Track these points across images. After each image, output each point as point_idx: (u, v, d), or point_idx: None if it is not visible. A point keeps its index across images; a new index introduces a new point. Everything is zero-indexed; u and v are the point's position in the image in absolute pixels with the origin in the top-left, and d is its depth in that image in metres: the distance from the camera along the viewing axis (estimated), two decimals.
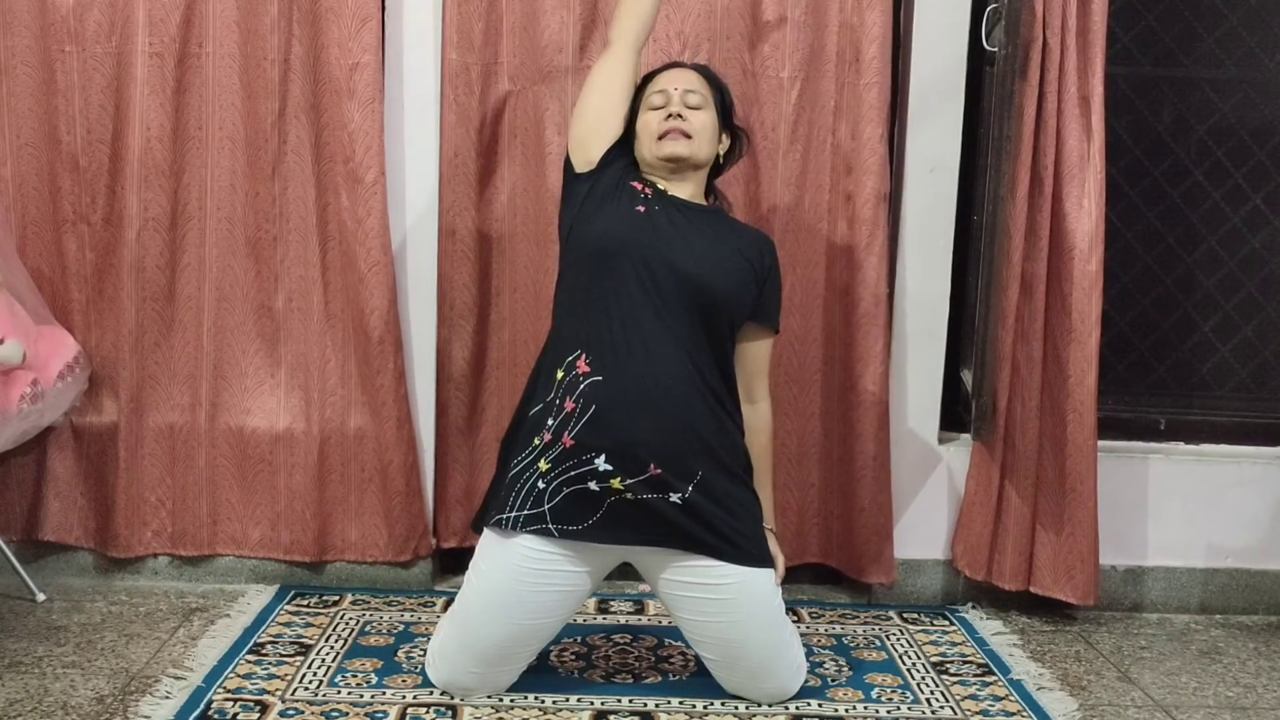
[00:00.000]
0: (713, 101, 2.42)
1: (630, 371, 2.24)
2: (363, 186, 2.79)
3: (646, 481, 2.20)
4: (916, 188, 2.90)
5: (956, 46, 2.87)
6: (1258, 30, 3.13)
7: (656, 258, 2.27)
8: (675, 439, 2.22)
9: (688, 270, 2.27)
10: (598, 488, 2.20)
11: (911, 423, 2.96)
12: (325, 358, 2.89)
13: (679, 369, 2.25)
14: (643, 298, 2.26)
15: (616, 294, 2.26)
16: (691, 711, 2.30)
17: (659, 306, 2.26)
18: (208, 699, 2.28)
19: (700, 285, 2.28)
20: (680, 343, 2.27)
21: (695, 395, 2.27)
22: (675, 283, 2.27)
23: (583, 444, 2.21)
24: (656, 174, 2.40)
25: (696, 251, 2.30)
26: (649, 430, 2.21)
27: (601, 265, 2.28)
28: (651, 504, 2.21)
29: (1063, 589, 2.85)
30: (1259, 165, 3.15)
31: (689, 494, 2.21)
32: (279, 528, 2.91)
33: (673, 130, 2.35)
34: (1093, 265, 2.77)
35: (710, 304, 2.29)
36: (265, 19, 2.80)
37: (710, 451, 2.25)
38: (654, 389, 2.23)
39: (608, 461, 2.20)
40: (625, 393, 2.22)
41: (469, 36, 2.84)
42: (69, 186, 2.84)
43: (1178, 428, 3.11)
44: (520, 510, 2.23)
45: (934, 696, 2.43)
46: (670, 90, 2.39)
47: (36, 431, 2.76)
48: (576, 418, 2.23)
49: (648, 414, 2.22)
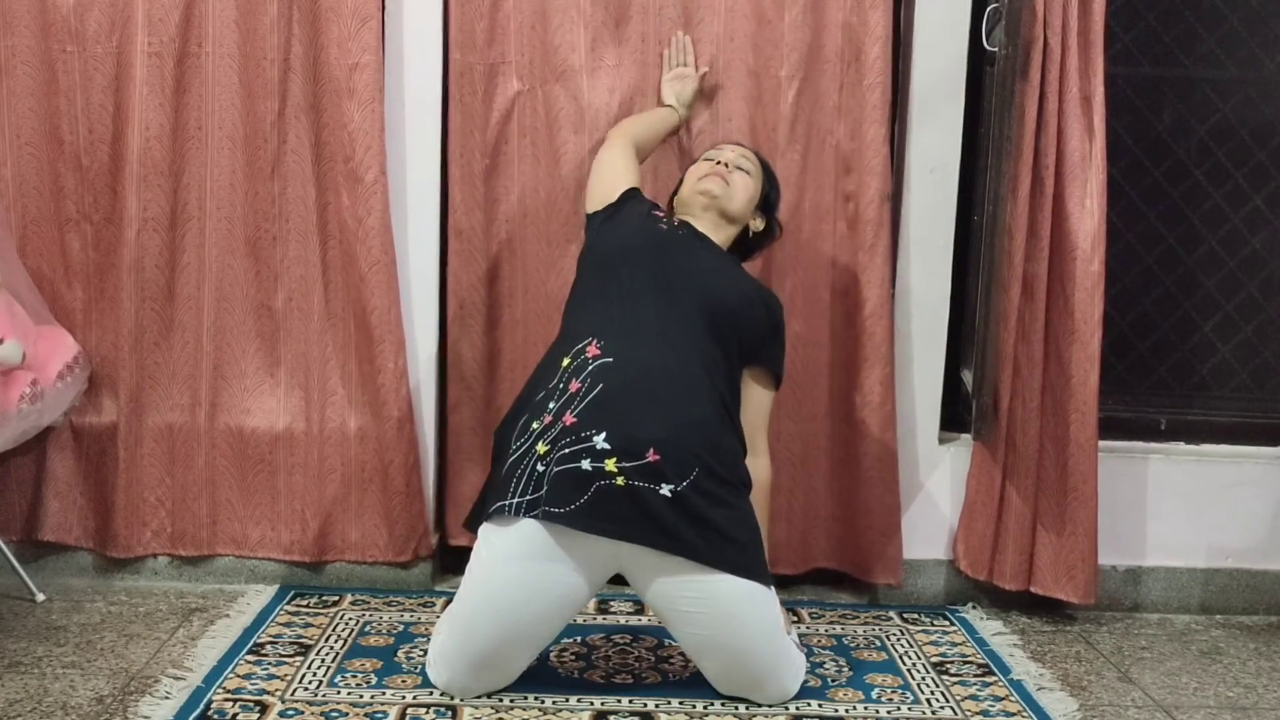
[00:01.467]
0: (760, 178, 2.61)
1: (642, 358, 2.28)
2: (363, 186, 2.78)
3: (642, 468, 2.16)
4: (917, 188, 2.90)
5: (957, 46, 2.87)
6: (1258, 30, 3.13)
7: (673, 264, 2.40)
8: (679, 430, 2.21)
9: (703, 278, 2.40)
10: (590, 467, 2.16)
11: (912, 423, 2.96)
12: (325, 357, 2.88)
13: (690, 366, 2.30)
14: (658, 295, 2.36)
15: (633, 289, 2.36)
16: (691, 712, 2.30)
17: (673, 304, 2.35)
18: (207, 699, 2.28)
19: (714, 294, 2.39)
20: (694, 343, 2.33)
21: (704, 394, 2.29)
22: (690, 287, 2.37)
23: (585, 421, 2.20)
24: (688, 211, 2.57)
25: (711, 267, 2.46)
26: (654, 416, 2.21)
27: (620, 261, 2.41)
28: (641, 493, 2.16)
29: (1063, 588, 2.85)
30: (1259, 166, 3.15)
31: (681, 488, 2.17)
32: (279, 528, 2.91)
33: (715, 174, 2.55)
34: (1095, 266, 2.77)
35: (722, 314, 2.38)
36: (265, 18, 2.80)
37: (713, 451, 2.24)
38: (664, 378, 2.26)
39: (607, 440, 2.17)
40: (635, 377, 2.25)
41: (472, 36, 2.84)
42: (69, 186, 2.84)
43: (1178, 428, 3.11)
44: (522, 496, 2.20)
45: (934, 697, 2.43)
46: (725, 151, 2.63)
47: (36, 431, 2.76)
48: (581, 397, 2.23)
49: (655, 401, 2.23)
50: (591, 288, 2.43)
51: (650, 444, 2.18)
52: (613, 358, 2.27)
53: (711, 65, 2.84)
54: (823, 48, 2.85)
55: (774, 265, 2.88)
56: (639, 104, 2.85)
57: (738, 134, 2.84)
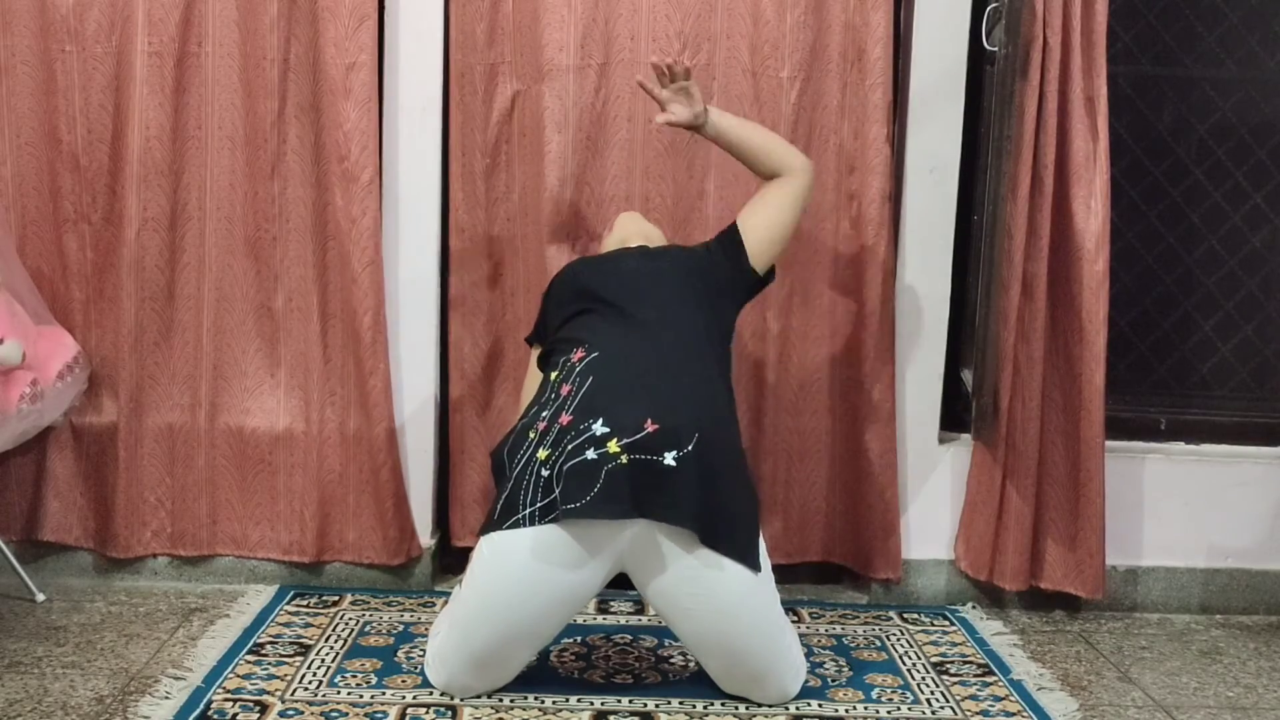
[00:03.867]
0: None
1: (629, 345, 2.33)
2: (358, 186, 2.78)
3: (642, 441, 2.16)
4: (917, 188, 2.90)
5: (957, 46, 2.86)
6: (1258, 29, 3.13)
7: (626, 265, 2.55)
8: (673, 400, 2.23)
9: (658, 259, 2.53)
10: (595, 454, 2.16)
11: (912, 422, 2.96)
12: (325, 358, 2.88)
13: (679, 342, 2.37)
14: (630, 294, 2.44)
15: (603, 301, 2.43)
16: (691, 712, 2.30)
17: (645, 293, 2.44)
18: (207, 699, 2.28)
19: (677, 263, 2.51)
20: (677, 318, 2.40)
21: (696, 369, 2.34)
22: (652, 270, 2.49)
23: (580, 415, 2.21)
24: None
25: (660, 251, 2.58)
26: (647, 392, 2.23)
27: (582, 295, 2.48)
28: (647, 465, 2.15)
29: (1073, 583, 2.85)
30: (1259, 164, 3.15)
31: (684, 454, 2.16)
32: (278, 528, 2.91)
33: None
34: (1100, 266, 2.77)
35: (694, 276, 2.47)
36: (265, 18, 2.79)
37: (711, 422, 2.24)
38: (654, 357, 2.31)
39: (604, 424, 2.18)
40: (624, 364, 2.29)
41: (472, 37, 2.84)
42: (69, 186, 2.84)
43: (1178, 427, 3.11)
44: (532, 506, 2.19)
45: (934, 697, 2.43)
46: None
47: (36, 431, 2.76)
48: (573, 396, 2.25)
49: (647, 379, 2.26)
50: (567, 323, 2.46)
51: (646, 415, 2.18)
52: (599, 352, 2.31)
53: (710, 65, 2.84)
54: (825, 48, 2.85)
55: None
56: (628, 103, 2.85)
57: None
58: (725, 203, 2.87)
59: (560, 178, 2.83)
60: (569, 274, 2.59)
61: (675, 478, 2.15)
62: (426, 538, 2.95)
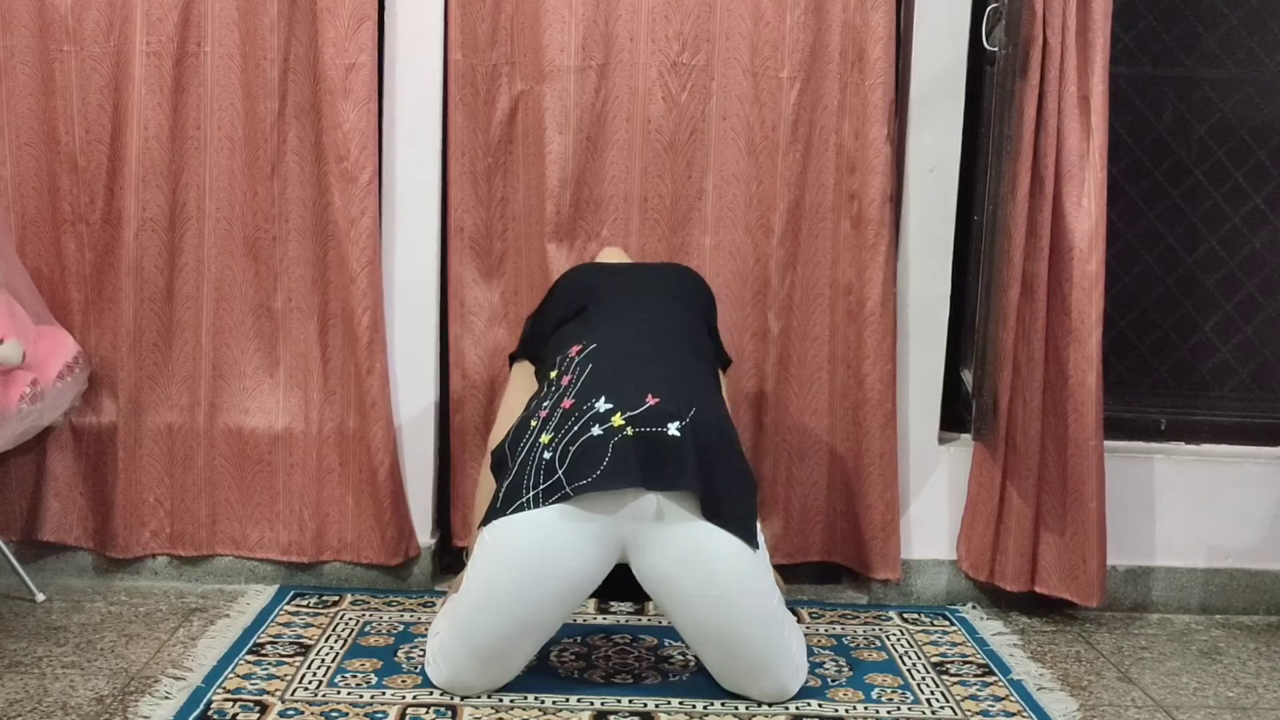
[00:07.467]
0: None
1: (626, 335, 2.40)
2: (357, 186, 2.78)
3: (646, 414, 2.20)
4: (917, 188, 2.90)
5: (957, 46, 2.87)
6: (1258, 30, 3.12)
7: (626, 274, 2.63)
8: (671, 377, 2.30)
9: (657, 271, 2.67)
10: (601, 430, 2.19)
11: (912, 422, 2.96)
12: (324, 358, 2.88)
13: (675, 341, 2.44)
14: (629, 297, 2.53)
15: (602, 303, 2.49)
16: (691, 712, 2.30)
17: (644, 298, 2.52)
18: (207, 699, 2.28)
19: (676, 278, 2.63)
20: (674, 323, 2.47)
21: (691, 362, 2.41)
22: (649, 278, 2.61)
23: (582, 397, 2.26)
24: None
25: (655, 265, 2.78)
26: (645, 369, 2.30)
27: (583, 298, 2.55)
28: (652, 437, 2.18)
29: (1067, 588, 2.85)
30: (1259, 165, 3.15)
31: (687, 422, 2.21)
32: (278, 528, 2.90)
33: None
34: (1092, 265, 2.76)
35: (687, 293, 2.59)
36: (264, 18, 2.79)
37: (705, 403, 2.29)
38: (651, 345, 2.38)
39: (607, 400, 2.23)
40: (622, 350, 2.36)
41: (474, 38, 2.84)
42: (68, 186, 2.83)
43: (1178, 428, 3.11)
44: (536, 488, 2.19)
45: (934, 697, 2.42)
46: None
47: (36, 431, 2.76)
48: (574, 383, 2.29)
49: (645, 360, 2.33)
50: (566, 323, 2.51)
51: (647, 389, 2.24)
52: (597, 344, 2.37)
53: (710, 65, 2.84)
54: (825, 48, 2.84)
55: (774, 262, 2.88)
56: (627, 103, 2.85)
57: (732, 132, 2.85)
58: (725, 203, 2.88)
59: (561, 178, 2.83)
60: (575, 274, 2.66)
61: (680, 447, 2.19)
62: (426, 537, 2.95)
